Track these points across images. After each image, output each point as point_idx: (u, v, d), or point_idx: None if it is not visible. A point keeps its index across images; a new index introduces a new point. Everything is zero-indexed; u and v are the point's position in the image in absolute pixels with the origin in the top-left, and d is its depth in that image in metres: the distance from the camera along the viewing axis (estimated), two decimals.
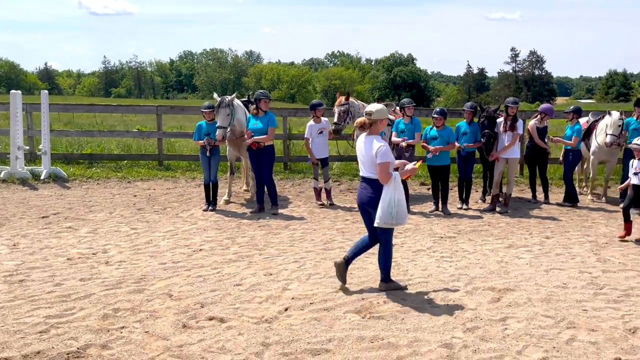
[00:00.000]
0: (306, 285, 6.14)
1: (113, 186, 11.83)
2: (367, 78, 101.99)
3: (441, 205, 9.87)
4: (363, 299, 5.70)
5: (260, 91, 9.89)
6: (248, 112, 10.00)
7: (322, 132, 10.19)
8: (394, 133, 9.92)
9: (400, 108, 10.14)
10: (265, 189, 9.69)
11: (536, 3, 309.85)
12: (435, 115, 9.89)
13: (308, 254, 7.28)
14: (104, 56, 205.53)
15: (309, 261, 6.97)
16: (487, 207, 10.17)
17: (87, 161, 13.86)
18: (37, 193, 10.99)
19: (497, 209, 10.01)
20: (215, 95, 9.83)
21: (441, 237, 8.23)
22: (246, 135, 9.44)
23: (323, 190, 10.43)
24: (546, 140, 10.70)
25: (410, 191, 10.75)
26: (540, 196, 10.92)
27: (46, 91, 13.18)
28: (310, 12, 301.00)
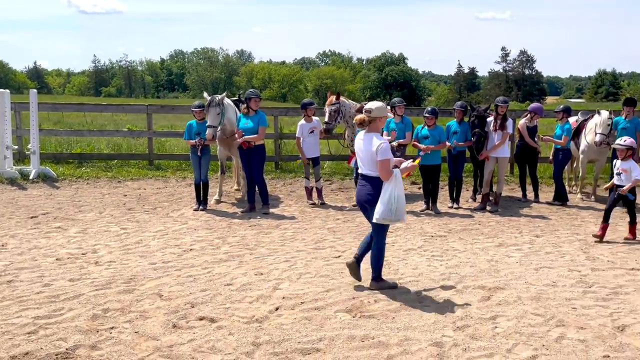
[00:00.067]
0: (297, 284, 6.13)
1: (103, 186, 11.77)
2: (359, 77, 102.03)
3: (431, 204, 9.90)
4: (354, 298, 5.71)
5: (250, 90, 9.87)
6: (239, 111, 9.97)
7: (314, 132, 10.19)
8: (385, 132, 9.93)
9: (391, 107, 10.15)
10: (256, 189, 9.68)
11: (526, 3, 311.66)
12: (426, 114, 9.92)
13: (299, 254, 7.28)
14: (94, 55, 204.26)
15: (300, 260, 6.97)
16: (478, 206, 10.21)
17: (77, 161, 13.77)
18: (26, 193, 10.91)
19: (488, 208, 10.06)
20: (205, 94, 9.80)
21: (432, 236, 8.25)
22: (237, 134, 9.42)
23: (314, 189, 10.43)
24: (536, 139, 10.75)
25: None
26: (530, 195, 10.97)
27: (35, 90, 13.03)
28: (301, 11, 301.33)
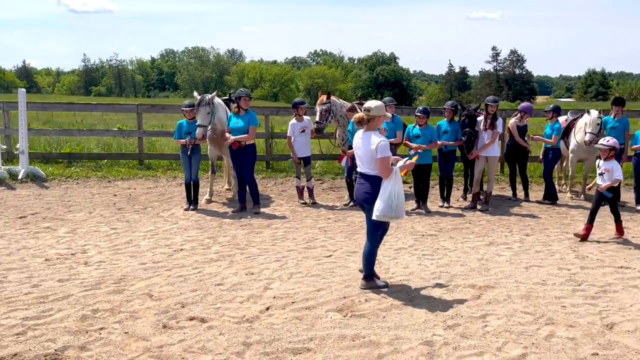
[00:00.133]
0: (288, 284, 6.13)
1: (93, 186, 11.69)
2: (350, 77, 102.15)
3: (422, 203, 9.92)
4: (344, 298, 5.71)
5: (240, 89, 9.85)
6: (229, 111, 9.95)
7: (305, 131, 10.18)
8: None
9: None
10: (247, 188, 9.65)
11: (517, 3, 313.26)
12: (418, 113, 9.95)
13: (290, 253, 7.27)
14: (84, 54, 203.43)
15: (291, 260, 6.96)
16: (468, 205, 10.25)
17: (66, 160, 13.67)
18: (15, 193, 10.83)
19: (478, 207, 10.09)
20: (195, 93, 9.77)
21: (422, 235, 8.27)
22: (226, 134, 9.39)
23: (305, 189, 10.42)
24: (526, 138, 10.80)
25: None
26: (520, 194, 11.03)
27: (24, 89, 12.89)
28: (293, 11, 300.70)
